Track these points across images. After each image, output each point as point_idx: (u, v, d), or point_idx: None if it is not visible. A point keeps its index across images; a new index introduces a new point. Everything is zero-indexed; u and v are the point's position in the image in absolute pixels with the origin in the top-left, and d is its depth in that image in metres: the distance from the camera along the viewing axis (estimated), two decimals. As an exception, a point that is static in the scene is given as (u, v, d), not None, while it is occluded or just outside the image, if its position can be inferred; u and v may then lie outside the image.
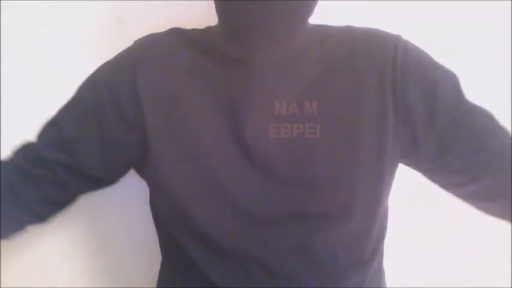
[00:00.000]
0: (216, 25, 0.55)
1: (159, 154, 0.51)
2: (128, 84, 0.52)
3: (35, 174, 0.51)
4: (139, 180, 0.58)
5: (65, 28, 0.69)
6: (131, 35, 0.55)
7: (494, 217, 0.53)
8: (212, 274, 0.52)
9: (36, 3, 0.68)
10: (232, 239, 0.51)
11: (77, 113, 0.53)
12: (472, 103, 0.51)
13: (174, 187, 0.51)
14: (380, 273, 0.59)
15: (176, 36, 0.54)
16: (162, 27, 0.56)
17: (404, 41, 0.52)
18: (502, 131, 0.51)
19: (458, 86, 0.51)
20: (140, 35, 0.56)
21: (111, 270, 0.81)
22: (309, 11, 0.50)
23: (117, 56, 0.55)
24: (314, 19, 0.52)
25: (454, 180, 0.52)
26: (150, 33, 0.56)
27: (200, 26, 0.56)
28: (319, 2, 0.50)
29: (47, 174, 0.51)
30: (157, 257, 0.62)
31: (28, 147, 0.53)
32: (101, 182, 0.56)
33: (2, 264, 0.74)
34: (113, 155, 0.53)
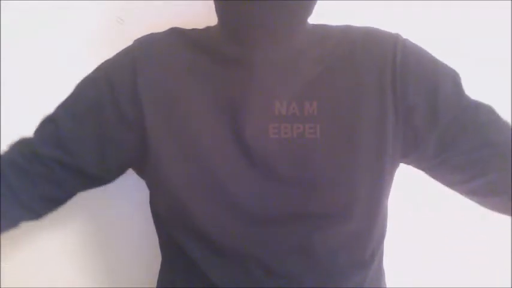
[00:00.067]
0: (215, 25, 0.55)
1: (159, 154, 0.51)
2: (128, 83, 0.51)
3: (31, 171, 0.51)
4: (139, 180, 0.57)
5: (65, 28, 0.69)
6: (131, 35, 0.55)
7: (498, 212, 0.53)
8: (212, 274, 0.52)
9: (36, 3, 0.68)
10: (232, 239, 0.51)
11: (76, 111, 0.53)
12: (473, 99, 0.51)
13: (174, 187, 0.51)
14: (380, 273, 0.58)
15: (176, 36, 0.54)
16: (162, 27, 0.56)
17: (404, 40, 0.52)
18: (505, 126, 0.50)
19: (459, 82, 0.51)
20: (140, 35, 0.55)
21: (111, 270, 0.80)
22: (309, 10, 0.50)
23: (117, 54, 0.55)
24: (314, 19, 0.52)
25: (458, 177, 0.52)
26: (150, 33, 0.56)
27: (200, 26, 0.56)
28: (319, 2, 0.51)
29: (43, 171, 0.51)
30: (157, 257, 0.62)
31: (24, 143, 0.53)
32: (97, 180, 0.56)
33: (2, 263, 0.74)
34: (111, 154, 0.53)
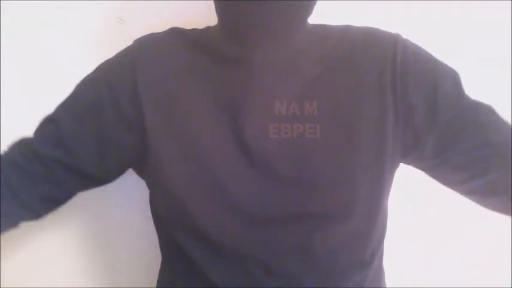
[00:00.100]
0: (215, 25, 0.55)
1: (159, 154, 0.51)
2: (128, 83, 0.51)
3: (31, 171, 0.51)
4: (139, 180, 0.57)
5: (65, 28, 0.69)
6: (131, 35, 0.55)
7: (498, 212, 0.53)
8: (212, 274, 0.52)
9: (36, 3, 0.68)
10: (232, 239, 0.51)
11: (76, 110, 0.53)
12: (473, 99, 0.51)
13: (174, 187, 0.51)
14: (380, 273, 0.58)
15: (176, 36, 0.54)
16: (162, 27, 0.56)
17: (404, 40, 0.52)
18: (505, 126, 0.50)
19: (459, 82, 0.51)
20: (140, 35, 0.55)
21: (111, 270, 0.80)
22: (309, 10, 0.50)
23: (117, 54, 0.55)
24: (314, 19, 0.52)
25: (457, 177, 0.52)
26: (149, 33, 0.56)
27: (200, 26, 0.56)
28: (319, 2, 0.51)
29: (43, 171, 0.51)
30: (157, 257, 0.62)
31: (25, 143, 0.53)
32: (97, 180, 0.56)
33: (2, 263, 0.74)
34: (110, 154, 0.53)
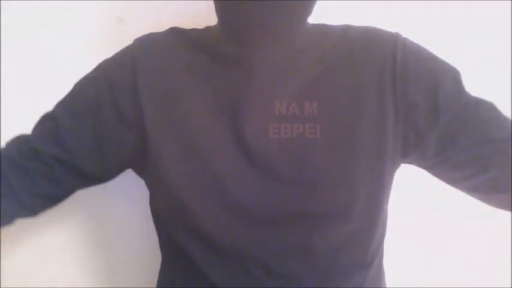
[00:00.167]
0: (215, 25, 0.55)
1: (158, 154, 0.51)
2: (128, 83, 0.51)
3: (30, 168, 0.50)
4: (139, 179, 0.57)
5: (65, 28, 0.69)
6: (131, 35, 0.55)
7: (501, 209, 0.52)
8: (212, 274, 0.52)
9: (36, 3, 0.68)
10: (232, 239, 0.51)
11: (75, 109, 0.52)
12: (474, 96, 0.51)
13: (174, 187, 0.51)
14: (380, 273, 0.58)
15: (176, 35, 0.54)
16: (162, 27, 0.56)
17: (403, 39, 0.52)
18: (506, 122, 0.50)
19: (459, 80, 0.51)
20: (140, 35, 0.55)
21: (111, 270, 0.80)
22: (309, 10, 0.50)
23: (117, 54, 0.55)
24: (314, 19, 0.52)
25: (459, 174, 0.52)
26: (149, 32, 0.56)
27: (200, 26, 0.56)
28: (319, 2, 0.51)
29: (42, 168, 0.51)
30: (157, 257, 0.62)
31: (23, 140, 0.52)
32: (97, 179, 0.55)
33: (2, 260, 0.74)
34: (110, 153, 0.53)
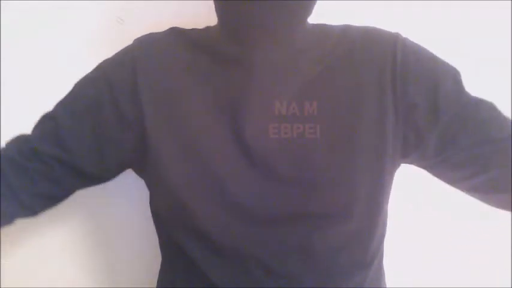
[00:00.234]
0: (215, 25, 0.55)
1: (159, 154, 0.51)
2: (128, 83, 0.51)
3: (30, 168, 0.50)
4: (139, 179, 0.57)
5: (65, 28, 0.69)
6: (131, 35, 0.55)
7: (501, 209, 0.52)
8: (212, 274, 0.52)
9: (36, 3, 0.68)
10: (232, 239, 0.51)
11: (75, 109, 0.52)
12: (474, 96, 0.51)
13: (174, 187, 0.51)
14: (380, 273, 0.58)
15: (176, 35, 0.54)
16: (162, 27, 0.56)
17: (403, 38, 0.52)
18: (506, 122, 0.50)
19: (459, 80, 0.51)
20: (140, 35, 0.55)
21: (111, 270, 0.80)
22: (309, 10, 0.50)
23: (117, 54, 0.55)
24: (314, 19, 0.52)
25: (459, 174, 0.52)
26: (149, 32, 0.56)
27: (200, 26, 0.56)
28: (319, 2, 0.51)
29: (42, 168, 0.51)
30: (157, 257, 0.62)
31: (22, 140, 0.52)
32: (96, 179, 0.55)
33: (2, 260, 0.74)
34: (110, 153, 0.53)
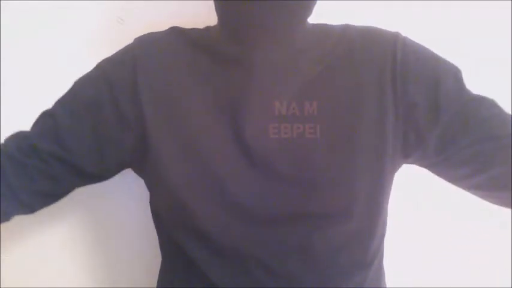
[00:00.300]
0: (215, 25, 0.55)
1: (158, 154, 0.51)
2: (128, 82, 0.51)
3: (29, 165, 0.50)
4: (139, 179, 0.57)
5: (65, 28, 0.69)
6: (131, 35, 0.55)
7: (504, 207, 0.52)
8: (212, 274, 0.52)
9: (36, 3, 0.68)
10: (232, 239, 0.51)
11: (74, 108, 0.52)
12: (475, 94, 0.50)
13: (174, 187, 0.51)
14: (380, 273, 0.58)
15: (176, 35, 0.54)
16: (162, 26, 0.56)
17: (403, 38, 0.52)
18: (508, 119, 0.50)
19: (460, 78, 0.51)
20: (140, 35, 0.55)
21: (111, 271, 0.80)
22: (309, 10, 0.50)
23: (117, 53, 0.55)
24: (314, 19, 0.52)
25: (460, 172, 0.51)
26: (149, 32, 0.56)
27: (200, 26, 0.56)
28: (319, 2, 0.51)
29: (41, 165, 0.51)
30: (157, 257, 0.62)
31: (22, 137, 0.52)
32: (96, 177, 0.55)
33: (2, 255, 0.74)
34: (110, 153, 0.53)
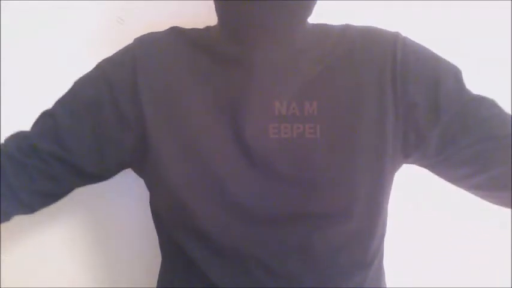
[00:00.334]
0: (215, 25, 0.55)
1: (159, 154, 0.51)
2: (128, 82, 0.51)
3: (29, 165, 0.50)
4: (139, 179, 0.57)
5: (65, 28, 0.69)
6: (131, 35, 0.55)
7: (504, 207, 0.52)
8: (212, 274, 0.52)
9: (36, 3, 0.68)
10: (232, 238, 0.51)
11: (74, 108, 0.52)
12: (475, 94, 0.50)
13: (174, 187, 0.51)
14: (380, 273, 0.58)
15: (176, 35, 0.54)
16: (162, 26, 0.56)
17: (403, 38, 0.52)
18: (508, 119, 0.50)
19: (461, 78, 0.51)
20: (140, 35, 0.55)
21: (111, 271, 0.80)
22: (309, 10, 0.50)
23: (117, 53, 0.55)
24: (314, 19, 0.52)
25: (460, 172, 0.51)
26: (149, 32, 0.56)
27: (200, 26, 0.56)
28: (319, 2, 0.51)
29: (41, 165, 0.51)
30: (157, 257, 0.62)
31: (22, 137, 0.52)
32: (96, 177, 0.55)
33: (2, 255, 0.74)
34: (110, 153, 0.53)
